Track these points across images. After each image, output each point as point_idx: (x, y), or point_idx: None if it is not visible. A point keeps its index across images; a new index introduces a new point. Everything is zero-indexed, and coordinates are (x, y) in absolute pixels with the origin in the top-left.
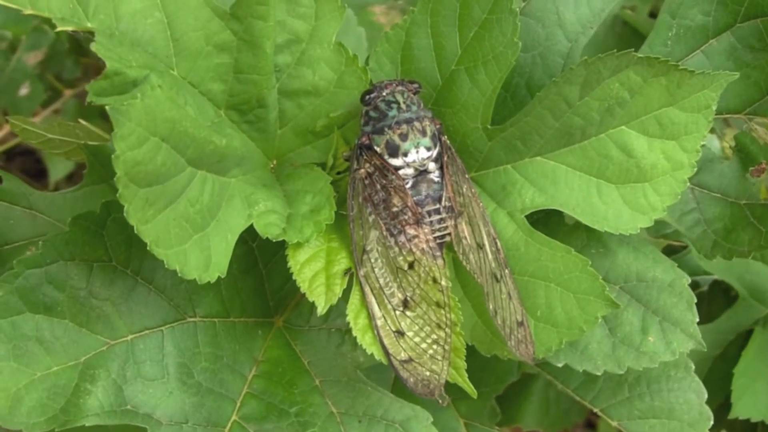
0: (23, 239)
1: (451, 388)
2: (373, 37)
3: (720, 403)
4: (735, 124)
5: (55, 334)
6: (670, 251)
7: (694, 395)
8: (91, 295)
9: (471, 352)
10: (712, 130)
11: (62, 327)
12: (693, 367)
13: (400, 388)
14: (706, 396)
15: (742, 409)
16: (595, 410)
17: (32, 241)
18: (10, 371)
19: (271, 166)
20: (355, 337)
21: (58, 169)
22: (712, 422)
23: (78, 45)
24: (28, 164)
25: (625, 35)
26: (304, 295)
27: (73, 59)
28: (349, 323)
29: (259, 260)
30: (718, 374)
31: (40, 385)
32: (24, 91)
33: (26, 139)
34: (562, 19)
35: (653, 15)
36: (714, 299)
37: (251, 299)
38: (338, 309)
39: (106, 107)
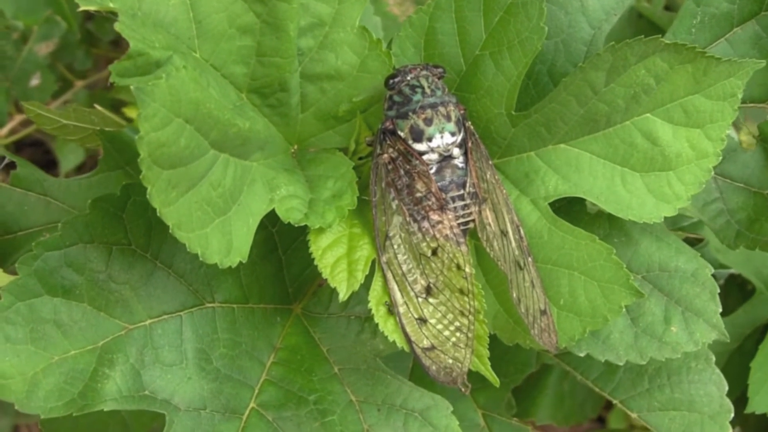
0: (37, 225)
1: (469, 378)
2: (387, 27)
3: (736, 396)
4: (752, 116)
5: (73, 318)
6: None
7: (714, 387)
8: (110, 278)
9: (490, 342)
10: None
11: (80, 310)
12: (714, 358)
13: (419, 377)
14: (726, 388)
15: (759, 404)
16: (615, 402)
17: (46, 228)
18: (28, 354)
19: (293, 150)
20: (376, 325)
21: (69, 159)
22: (732, 415)
23: (89, 36)
24: (38, 155)
25: (642, 28)
26: (323, 282)
27: (85, 50)
28: (369, 310)
29: (279, 246)
30: (734, 368)
31: (58, 369)
32: (35, 81)
33: (41, 125)
34: (585, 6)
35: (667, 8)
36: (730, 293)
37: (270, 285)
38: (358, 296)
39: (131, 87)
